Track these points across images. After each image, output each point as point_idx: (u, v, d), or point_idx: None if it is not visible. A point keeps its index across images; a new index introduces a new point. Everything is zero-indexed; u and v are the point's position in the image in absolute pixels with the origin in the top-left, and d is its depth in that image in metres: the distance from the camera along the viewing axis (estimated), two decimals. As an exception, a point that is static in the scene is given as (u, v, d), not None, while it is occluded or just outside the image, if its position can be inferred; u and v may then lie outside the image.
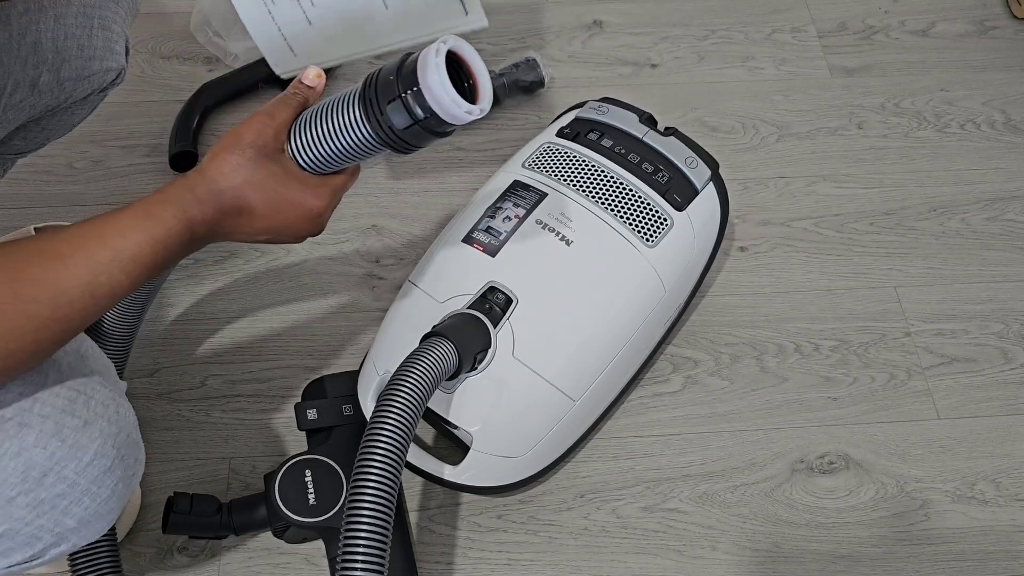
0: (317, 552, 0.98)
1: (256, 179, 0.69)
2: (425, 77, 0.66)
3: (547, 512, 1.03)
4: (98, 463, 0.68)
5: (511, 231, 0.98)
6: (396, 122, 0.68)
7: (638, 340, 1.00)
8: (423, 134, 0.70)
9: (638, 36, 1.45)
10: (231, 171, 0.68)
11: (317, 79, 0.74)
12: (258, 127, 0.70)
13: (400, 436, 0.76)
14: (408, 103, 0.67)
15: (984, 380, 1.14)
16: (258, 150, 0.69)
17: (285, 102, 0.72)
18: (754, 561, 1.01)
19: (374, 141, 0.70)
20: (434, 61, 0.66)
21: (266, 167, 0.70)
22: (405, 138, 0.70)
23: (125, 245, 0.64)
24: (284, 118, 0.72)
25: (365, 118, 0.69)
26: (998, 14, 1.51)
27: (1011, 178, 1.32)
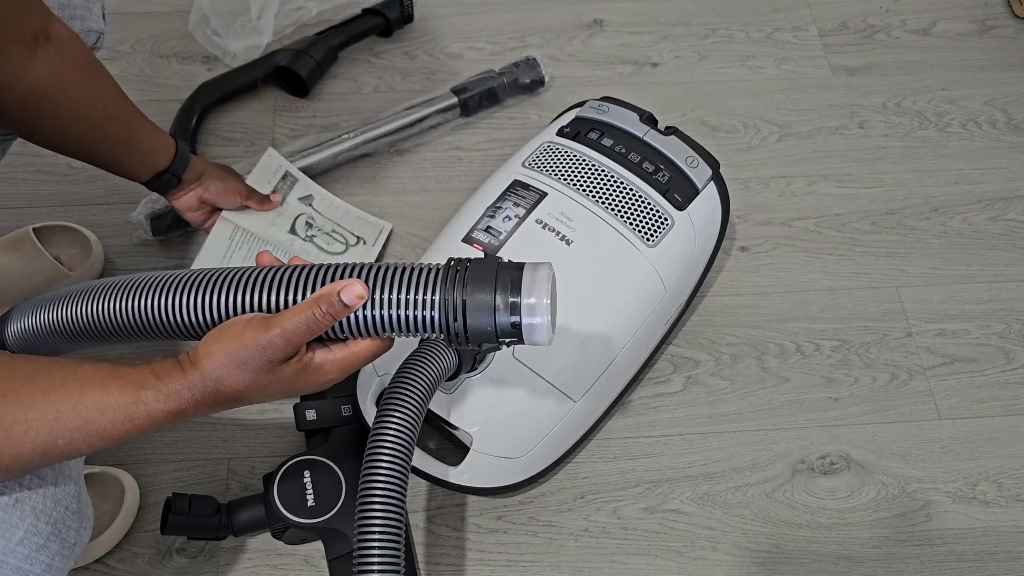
0: (316, 553, 0.98)
1: (260, 384, 0.63)
2: (533, 324, 0.63)
3: (547, 513, 1.02)
4: (29, 541, 0.65)
5: (511, 231, 0.97)
6: (474, 327, 0.63)
7: (639, 340, 1.00)
8: (491, 341, 0.65)
9: (638, 35, 1.45)
10: (231, 378, 0.62)
11: (358, 300, 0.63)
12: (267, 344, 0.62)
13: (405, 442, 0.75)
14: (501, 330, 0.63)
15: (986, 380, 1.14)
16: (266, 364, 0.62)
17: (309, 327, 0.62)
18: (755, 562, 1.00)
19: (432, 329, 0.64)
20: (545, 293, 0.63)
21: (272, 375, 0.63)
22: (472, 340, 0.65)
23: (99, 419, 0.60)
24: (299, 341, 0.63)
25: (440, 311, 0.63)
26: (999, 13, 1.51)
27: (1012, 178, 1.32)
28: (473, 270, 0.63)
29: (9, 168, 1.23)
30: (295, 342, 0.62)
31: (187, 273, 0.68)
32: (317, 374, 0.66)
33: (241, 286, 0.65)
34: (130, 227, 1.18)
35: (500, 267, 0.64)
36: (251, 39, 1.35)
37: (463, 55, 1.41)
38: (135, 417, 0.61)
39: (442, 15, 1.46)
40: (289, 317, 0.62)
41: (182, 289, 0.67)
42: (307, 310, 0.62)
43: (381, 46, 1.42)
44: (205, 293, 0.66)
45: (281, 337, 0.62)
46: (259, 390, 0.64)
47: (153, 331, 0.69)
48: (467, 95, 1.31)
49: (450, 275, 0.63)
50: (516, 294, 0.62)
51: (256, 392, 0.64)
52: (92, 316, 0.70)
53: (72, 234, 1.15)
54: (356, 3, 1.42)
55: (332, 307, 0.63)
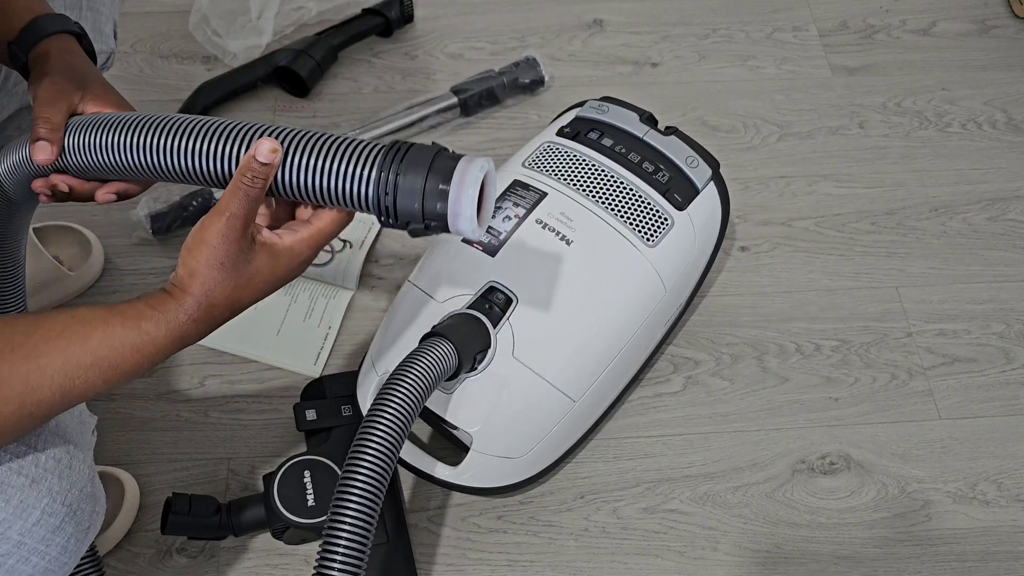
0: (316, 553, 0.98)
1: (243, 280, 0.65)
2: (458, 211, 0.64)
3: (547, 513, 1.02)
4: (46, 522, 0.66)
5: (511, 231, 0.97)
6: (403, 206, 0.65)
7: (639, 340, 1.00)
8: (419, 229, 0.67)
9: (638, 35, 1.45)
10: (217, 285, 0.64)
11: (272, 154, 0.64)
12: (226, 231, 0.64)
13: (393, 435, 0.75)
14: (428, 213, 0.65)
15: (986, 380, 1.14)
16: (236, 254, 0.64)
17: (247, 195, 0.64)
18: (755, 562, 1.00)
19: (365, 207, 0.66)
20: (471, 195, 0.64)
21: (249, 265, 0.65)
22: (400, 220, 0.67)
23: (109, 354, 0.62)
24: (247, 214, 0.65)
25: (375, 186, 0.65)
26: (999, 13, 1.51)
27: (1012, 178, 1.32)
28: (412, 154, 0.65)
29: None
30: (244, 216, 0.64)
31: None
32: (291, 255, 0.67)
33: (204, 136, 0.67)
34: (130, 227, 1.18)
35: (438, 154, 0.65)
36: (251, 39, 1.36)
37: (463, 55, 1.41)
38: (142, 347, 0.63)
39: (442, 15, 1.46)
40: (227, 197, 0.64)
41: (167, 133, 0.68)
42: (236, 184, 0.64)
43: (381, 46, 1.42)
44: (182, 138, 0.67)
45: (232, 217, 0.64)
46: (246, 287, 0.66)
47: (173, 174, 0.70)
48: (467, 95, 1.31)
49: (390, 154, 0.65)
50: (447, 183, 0.64)
51: (244, 291, 0.66)
52: None
53: (72, 234, 1.15)
54: (356, 3, 1.42)
55: (255, 171, 0.64)
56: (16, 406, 0.60)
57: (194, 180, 0.69)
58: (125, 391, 1.07)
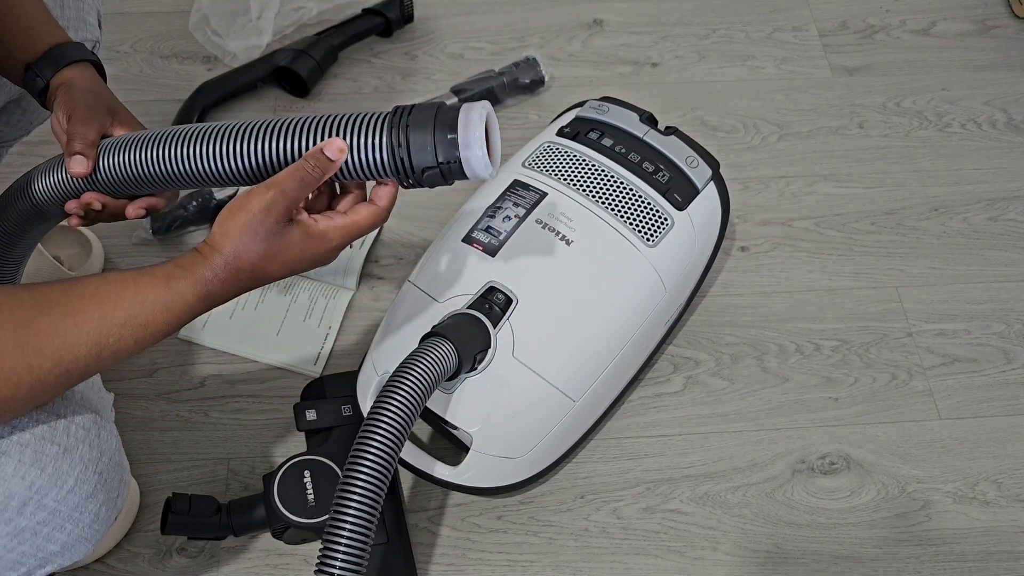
0: (316, 553, 0.98)
1: (272, 251, 0.68)
2: (469, 152, 0.69)
3: (547, 513, 1.02)
4: (79, 490, 0.68)
5: (511, 231, 0.97)
6: (418, 161, 0.70)
7: (639, 340, 1.00)
8: (437, 178, 0.71)
9: (638, 35, 1.45)
10: (247, 250, 0.67)
11: (340, 153, 0.69)
12: (270, 204, 0.67)
13: (393, 437, 0.75)
14: (442, 161, 0.69)
15: (986, 380, 1.14)
16: (272, 227, 0.67)
17: (302, 180, 0.68)
18: (755, 562, 1.00)
19: (386, 170, 0.71)
20: (479, 129, 0.69)
21: (281, 239, 0.68)
22: (418, 175, 0.71)
23: (140, 312, 0.65)
24: (297, 195, 0.68)
25: (389, 148, 0.70)
26: (999, 13, 1.51)
27: (1012, 178, 1.32)
28: (415, 113, 0.70)
29: (9, 168, 1.23)
30: (293, 196, 0.67)
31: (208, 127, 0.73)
32: (323, 240, 0.70)
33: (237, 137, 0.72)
34: (130, 227, 1.18)
35: (439, 109, 0.70)
36: (251, 39, 1.36)
37: (463, 55, 1.41)
38: (172, 306, 0.66)
39: (442, 15, 1.46)
40: (284, 174, 0.67)
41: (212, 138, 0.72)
42: (299, 166, 0.68)
43: (381, 46, 1.42)
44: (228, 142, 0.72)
45: (281, 194, 0.66)
46: (272, 260, 0.68)
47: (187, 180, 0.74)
48: (467, 95, 1.31)
49: (394, 119, 0.70)
50: (453, 132, 0.69)
51: (270, 263, 0.68)
52: None
53: (72, 234, 1.15)
54: (356, 3, 1.42)
55: (319, 162, 0.68)
56: (54, 363, 0.62)
57: (228, 180, 0.73)
58: (125, 391, 1.07)
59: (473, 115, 0.69)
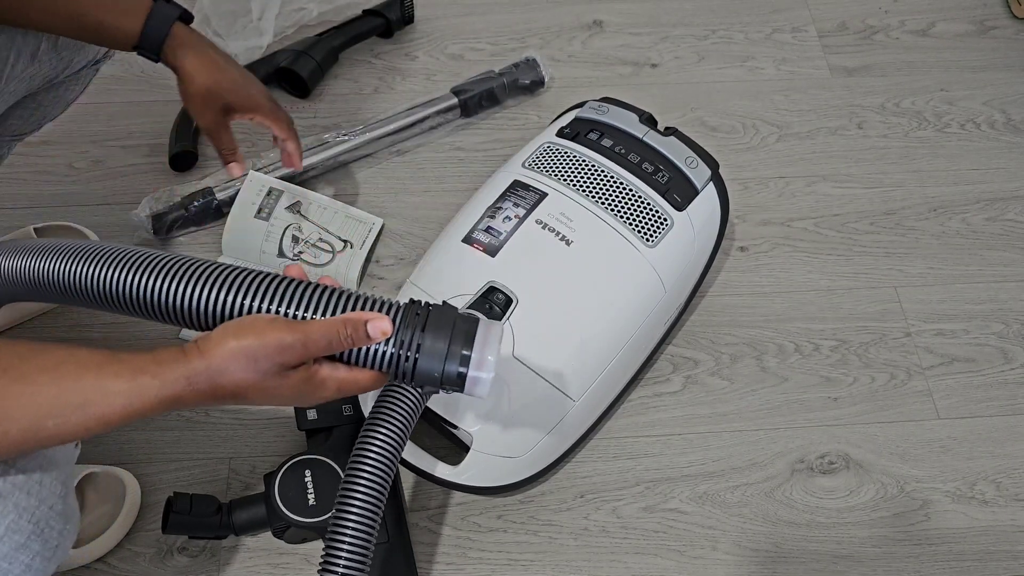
0: (317, 552, 0.98)
1: (264, 386, 0.64)
2: (480, 367, 0.67)
3: (547, 512, 1.03)
4: (9, 538, 0.64)
5: (511, 231, 0.98)
6: (422, 365, 0.67)
7: (638, 340, 1.00)
8: (433, 384, 0.69)
9: (638, 36, 1.45)
10: (239, 374, 0.62)
11: (381, 336, 0.66)
12: (288, 347, 0.63)
13: (395, 437, 0.75)
14: (447, 375, 0.68)
15: (984, 380, 1.14)
16: (277, 367, 0.63)
17: (331, 342, 0.64)
18: (754, 561, 1.01)
19: (383, 362, 0.68)
20: (495, 352, 0.67)
21: (280, 380, 0.64)
22: (414, 380, 0.69)
23: (98, 402, 0.60)
24: (317, 353, 0.64)
25: (396, 344, 0.67)
26: (998, 14, 1.51)
27: (1011, 178, 1.32)
28: (433, 315, 0.67)
29: (10, 168, 1.23)
30: (312, 352, 0.64)
31: (217, 268, 0.69)
32: (319, 388, 0.67)
33: (268, 293, 0.67)
34: (130, 227, 1.18)
35: (458, 318, 0.68)
36: (252, 40, 1.36)
37: (463, 56, 1.41)
38: (132, 402, 0.61)
39: (442, 16, 1.46)
40: (315, 327, 0.64)
41: (211, 283, 0.67)
42: (333, 327, 0.64)
43: (382, 47, 1.42)
44: (232, 292, 0.67)
45: (302, 344, 0.63)
46: (261, 391, 0.64)
47: (158, 314, 0.69)
48: (467, 96, 1.31)
49: (411, 315, 0.67)
50: (469, 347, 0.66)
51: (257, 393, 0.64)
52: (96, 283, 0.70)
53: (72, 234, 1.15)
54: (357, 4, 1.42)
55: (356, 332, 0.65)
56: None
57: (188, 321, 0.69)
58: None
59: (492, 335, 0.67)
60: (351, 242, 1.18)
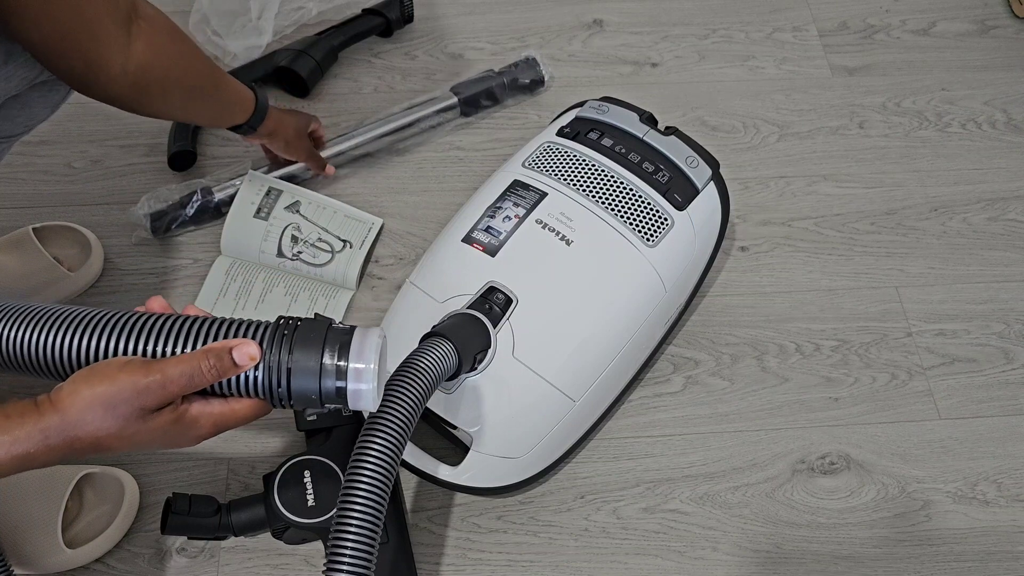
0: (316, 553, 0.98)
1: (127, 433, 0.60)
2: (360, 378, 0.63)
3: (547, 513, 1.02)
4: None
5: (511, 231, 0.97)
6: (297, 386, 0.63)
7: (638, 340, 1.00)
8: (313, 404, 0.65)
9: (638, 35, 1.45)
10: (96, 424, 0.59)
11: (250, 361, 0.61)
12: (144, 390, 0.59)
13: (396, 437, 0.75)
14: (325, 392, 0.63)
15: (985, 380, 1.14)
16: (136, 412, 0.59)
17: (192, 378, 0.60)
18: (755, 562, 1.00)
19: (256, 388, 0.64)
20: (373, 360, 0.63)
21: (144, 425, 0.60)
22: (290, 402, 0.65)
23: None
24: (178, 392, 0.60)
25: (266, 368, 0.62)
26: (999, 13, 1.51)
27: (1012, 178, 1.32)
28: (301, 331, 0.63)
29: (9, 168, 1.23)
30: (173, 391, 0.60)
31: (68, 311, 0.65)
32: (191, 427, 0.63)
33: (121, 331, 0.63)
34: (130, 227, 1.18)
35: (329, 330, 0.63)
36: (251, 39, 1.35)
37: (463, 55, 1.41)
38: (14, 451, 0.57)
39: (442, 15, 1.46)
40: (173, 364, 0.60)
41: (60, 326, 0.63)
42: (193, 360, 0.61)
43: (381, 46, 1.42)
44: (83, 334, 0.62)
45: (160, 384, 0.59)
46: (123, 439, 0.60)
47: (20, 366, 0.65)
48: (467, 95, 1.31)
49: (277, 335, 0.62)
50: (344, 358, 0.62)
51: (119, 441, 0.60)
52: None
53: (72, 234, 1.15)
54: (356, 3, 1.42)
55: (221, 363, 0.61)
56: None
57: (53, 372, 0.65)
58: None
59: (368, 343, 0.62)
60: (350, 242, 1.18)
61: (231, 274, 1.15)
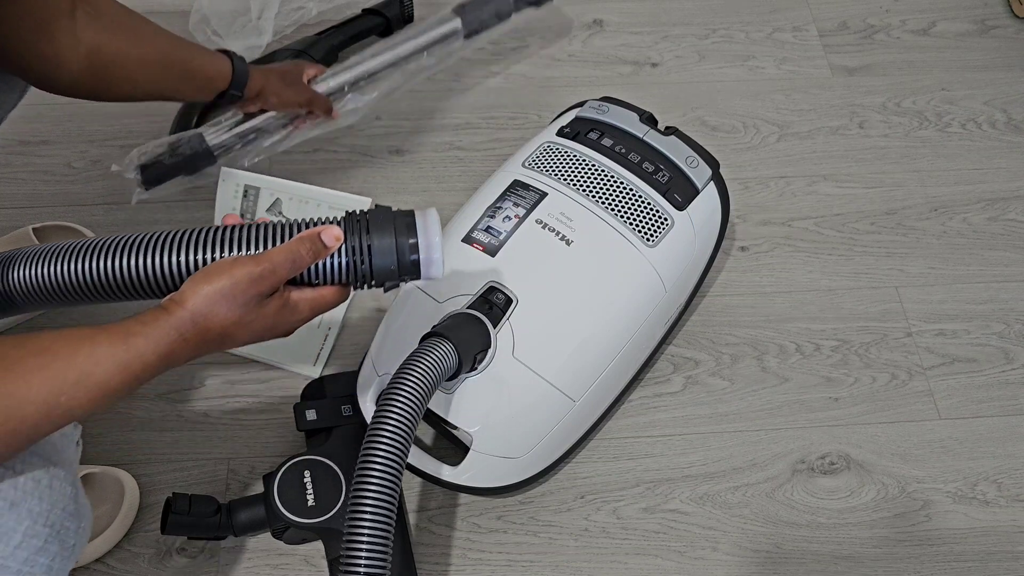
0: (316, 553, 0.98)
1: (246, 320, 0.68)
2: (429, 250, 0.73)
3: (547, 513, 1.02)
4: (28, 544, 0.65)
5: (511, 231, 0.97)
6: (378, 264, 0.72)
7: (638, 340, 1.00)
8: (393, 281, 0.74)
9: (638, 35, 1.45)
10: (221, 313, 0.66)
11: (336, 241, 0.71)
12: (259, 277, 0.67)
13: (401, 439, 0.76)
14: (402, 268, 0.73)
15: (985, 380, 1.14)
16: (253, 297, 0.67)
17: (295, 261, 0.69)
18: (755, 562, 1.00)
19: (342, 273, 0.73)
20: (437, 234, 0.73)
21: (258, 310, 0.68)
22: (374, 281, 0.74)
23: (95, 371, 0.62)
24: (286, 275, 0.69)
25: (348, 252, 0.72)
26: (999, 13, 1.51)
27: (1012, 178, 1.32)
28: (373, 217, 0.73)
29: (9, 168, 1.23)
30: (282, 276, 0.68)
31: (167, 233, 0.73)
32: (295, 312, 0.71)
33: (223, 242, 0.72)
34: (130, 226, 1.18)
35: (396, 214, 0.73)
36: (251, 39, 1.35)
37: (463, 55, 1.41)
38: (129, 364, 0.63)
39: (442, 15, 1.46)
40: (277, 253, 0.68)
41: (165, 248, 0.71)
42: (292, 247, 0.69)
43: (381, 46, 1.42)
44: (187, 251, 0.71)
45: (270, 270, 0.67)
46: (245, 327, 0.68)
47: (138, 289, 0.73)
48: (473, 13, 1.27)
49: (352, 222, 0.73)
50: (414, 236, 0.72)
51: (241, 329, 0.68)
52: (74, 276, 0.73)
53: (72, 234, 1.15)
54: (356, 3, 1.42)
55: (315, 246, 0.70)
56: (0, 420, 0.59)
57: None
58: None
59: (430, 220, 0.73)
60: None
61: None
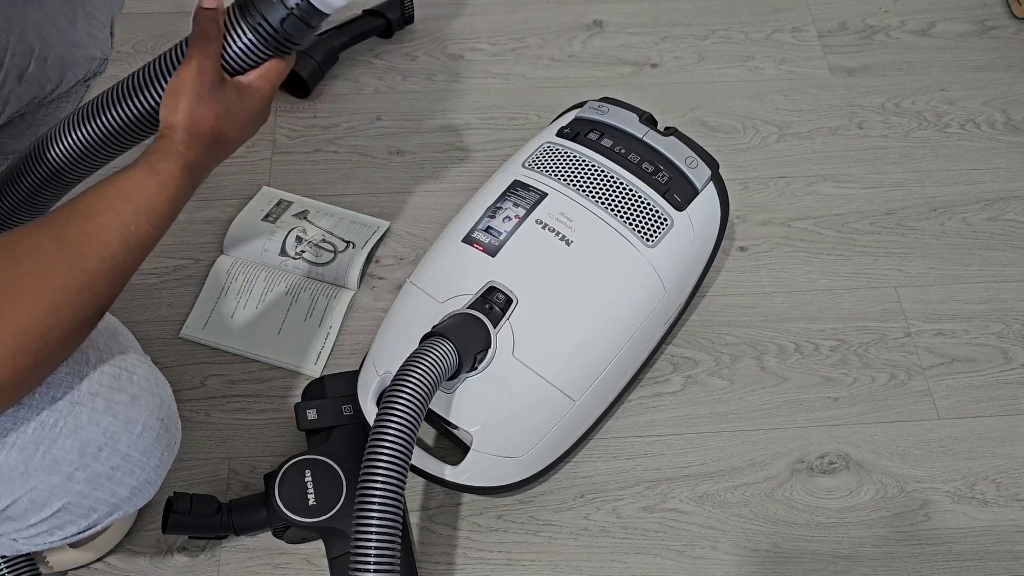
0: (317, 552, 0.98)
1: (222, 111, 0.73)
2: None
3: (547, 512, 1.03)
4: (147, 435, 0.73)
5: (511, 231, 0.98)
6: (271, 17, 0.73)
7: (638, 340, 1.00)
8: (297, 25, 0.74)
9: (638, 36, 1.45)
10: (201, 116, 0.72)
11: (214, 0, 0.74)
12: (200, 67, 0.72)
13: (404, 441, 0.76)
14: (293, 7, 0.73)
15: (984, 380, 1.14)
16: (210, 87, 0.72)
17: (207, 35, 0.73)
18: (754, 561, 1.01)
19: (255, 45, 0.75)
20: None
21: (223, 97, 0.73)
22: (282, 33, 0.74)
23: (143, 198, 0.68)
24: (216, 49, 0.73)
25: (242, 18, 0.74)
26: (998, 14, 1.51)
27: (1011, 178, 1.32)
28: None
29: (10, 168, 1.23)
30: (211, 52, 0.72)
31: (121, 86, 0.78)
32: (254, 93, 0.75)
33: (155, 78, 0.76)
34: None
35: None
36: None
37: (463, 56, 1.41)
38: (165, 184, 0.70)
39: (442, 16, 1.46)
40: (191, 45, 0.73)
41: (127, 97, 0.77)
42: (197, 31, 0.73)
43: (382, 47, 1.42)
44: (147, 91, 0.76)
45: (202, 55, 0.72)
46: (227, 120, 0.73)
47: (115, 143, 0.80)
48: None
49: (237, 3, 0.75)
50: None
51: (227, 124, 0.73)
52: None
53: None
54: (356, 4, 1.42)
55: (206, 15, 0.73)
56: (98, 262, 0.65)
57: None
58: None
59: None
60: (352, 242, 1.18)
61: (232, 273, 1.16)
